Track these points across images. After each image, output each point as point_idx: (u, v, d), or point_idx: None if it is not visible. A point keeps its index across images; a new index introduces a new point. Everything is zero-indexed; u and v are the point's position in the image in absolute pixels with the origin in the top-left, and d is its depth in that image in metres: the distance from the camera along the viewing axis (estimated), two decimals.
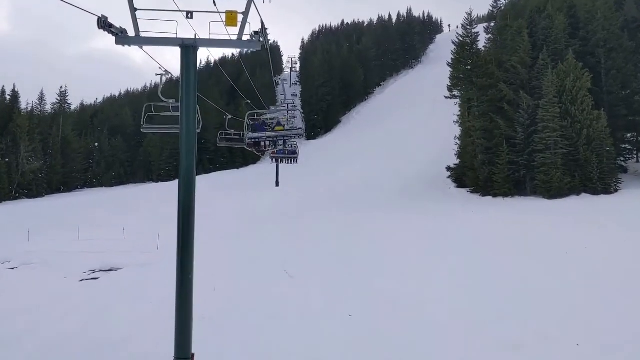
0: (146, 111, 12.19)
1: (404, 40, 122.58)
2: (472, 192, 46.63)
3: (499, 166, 43.35)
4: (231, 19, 7.93)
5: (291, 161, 22.63)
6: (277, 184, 35.28)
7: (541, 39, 47.55)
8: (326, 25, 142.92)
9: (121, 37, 7.80)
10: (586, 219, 29.49)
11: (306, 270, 20.94)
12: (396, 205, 42.21)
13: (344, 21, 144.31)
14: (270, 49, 16.24)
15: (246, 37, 8.09)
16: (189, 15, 8.05)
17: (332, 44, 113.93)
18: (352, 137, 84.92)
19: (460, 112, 52.54)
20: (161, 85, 10.76)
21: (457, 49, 53.39)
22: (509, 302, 15.42)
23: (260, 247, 26.98)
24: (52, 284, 21.60)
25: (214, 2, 8.33)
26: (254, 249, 26.49)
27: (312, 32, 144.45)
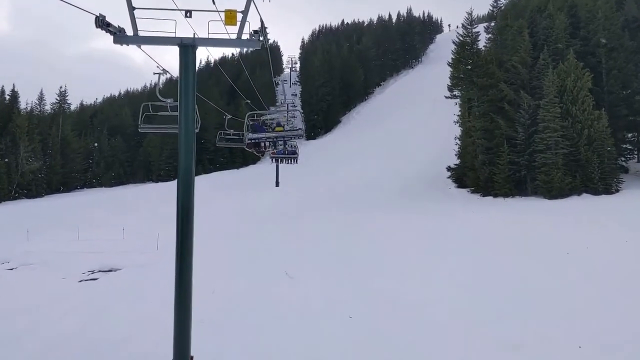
0: (143, 111, 11.98)
1: (404, 40, 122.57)
2: (473, 192, 46.55)
3: (499, 166, 43.29)
4: (230, 18, 7.88)
5: (291, 161, 22.56)
6: (277, 184, 35.22)
7: (542, 38, 47.47)
8: (326, 25, 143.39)
9: (119, 36, 7.74)
10: (587, 219, 29.39)
11: (306, 270, 20.89)
12: (396, 205, 42.14)
13: (344, 21, 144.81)
14: (270, 49, 16.21)
15: (245, 36, 8.04)
16: (188, 14, 7.98)
17: (332, 43, 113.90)
18: (352, 137, 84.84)
19: (460, 112, 52.49)
20: (159, 84, 10.66)
21: (457, 48, 53.23)
22: (509, 302, 15.39)
23: (260, 247, 26.90)
24: (51, 284, 21.54)
25: (213, 1, 8.25)
26: (254, 249, 26.41)
27: (312, 32, 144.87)
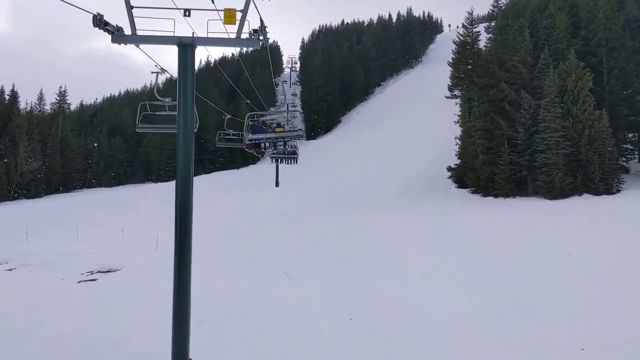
0: (141, 110, 11.78)
1: (404, 40, 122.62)
2: (473, 192, 46.49)
3: (500, 166, 43.23)
4: (229, 17, 7.80)
5: (291, 161, 22.51)
6: (277, 184, 35.14)
7: (542, 38, 47.42)
8: (326, 25, 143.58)
9: (117, 35, 7.65)
10: (588, 220, 29.36)
11: (306, 270, 20.86)
12: (396, 205, 42.12)
13: (344, 21, 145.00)
14: (270, 49, 16.14)
15: (245, 35, 7.95)
16: (187, 13, 7.89)
17: (332, 43, 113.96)
18: (352, 137, 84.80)
19: (460, 112, 52.43)
20: (156, 83, 10.55)
21: (457, 48, 53.19)
22: (509, 302, 15.37)
23: (260, 247, 26.89)
24: (50, 284, 21.51)
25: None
26: (254, 249, 26.40)
27: (312, 32, 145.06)
